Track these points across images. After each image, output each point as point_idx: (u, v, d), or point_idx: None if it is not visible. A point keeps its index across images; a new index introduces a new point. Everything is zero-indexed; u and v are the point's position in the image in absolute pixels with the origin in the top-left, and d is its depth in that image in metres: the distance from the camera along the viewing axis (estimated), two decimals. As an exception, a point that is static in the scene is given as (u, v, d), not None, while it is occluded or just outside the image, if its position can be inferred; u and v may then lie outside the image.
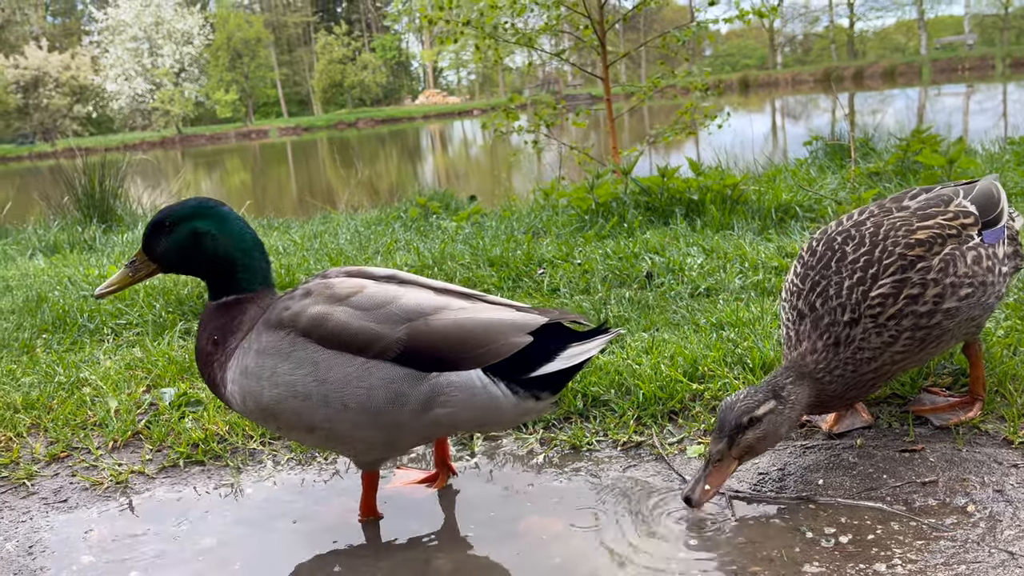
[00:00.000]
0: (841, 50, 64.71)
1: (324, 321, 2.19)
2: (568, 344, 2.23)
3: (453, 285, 2.41)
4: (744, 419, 2.28)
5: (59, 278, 5.55)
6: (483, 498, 2.60)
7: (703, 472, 2.31)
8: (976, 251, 2.49)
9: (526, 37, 9.83)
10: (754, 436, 2.30)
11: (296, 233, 7.13)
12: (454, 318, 2.21)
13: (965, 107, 23.89)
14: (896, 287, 2.38)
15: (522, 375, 2.22)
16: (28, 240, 7.77)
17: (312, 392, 2.18)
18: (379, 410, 2.17)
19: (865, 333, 2.38)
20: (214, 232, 2.32)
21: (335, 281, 2.32)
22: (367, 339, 2.17)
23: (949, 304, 2.40)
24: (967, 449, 2.51)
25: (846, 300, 2.40)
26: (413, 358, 2.17)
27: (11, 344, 4.33)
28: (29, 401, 3.51)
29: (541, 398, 2.27)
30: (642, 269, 4.49)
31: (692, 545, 2.23)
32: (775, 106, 35.92)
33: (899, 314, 2.37)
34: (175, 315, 4.56)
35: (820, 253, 2.53)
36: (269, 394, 2.23)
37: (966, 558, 2.03)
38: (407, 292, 2.27)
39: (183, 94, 66.24)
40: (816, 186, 6.22)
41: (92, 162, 8.78)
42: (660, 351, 3.29)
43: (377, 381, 2.16)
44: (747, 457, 2.35)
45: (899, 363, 2.44)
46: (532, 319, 2.24)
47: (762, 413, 2.30)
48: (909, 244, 2.43)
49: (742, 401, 2.32)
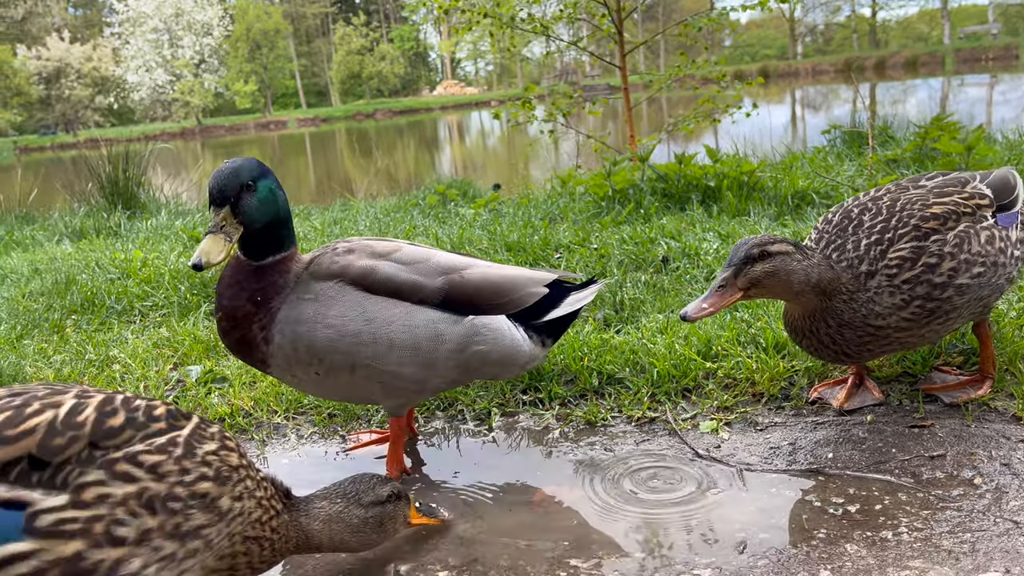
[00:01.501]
0: (863, 40, 64.03)
1: (373, 272, 2.44)
2: (568, 294, 2.62)
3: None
4: (755, 251, 2.33)
5: (86, 262, 5.68)
6: (501, 469, 2.67)
7: (707, 295, 2.35)
8: (990, 232, 2.53)
9: (542, 26, 9.86)
10: (762, 269, 2.33)
11: (316, 220, 7.23)
12: (483, 272, 2.54)
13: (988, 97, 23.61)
14: (915, 252, 2.43)
15: (535, 320, 2.58)
16: (55, 226, 7.93)
17: (362, 331, 2.40)
18: (420, 347, 2.43)
19: (879, 288, 2.43)
20: (278, 189, 2.42)
21: (373, 242, 2.57)
22: (412, 287, 2.45)
23: (962, 280, 2.44)
24: (976, 425, 2.55)
25: (864, 253, 2.45)
26: (451, 304, 2.47)
27: (42, 324, 4.46)
28: (61, 377, 3.63)
29: (546, 344, 2.63)
30: (658, 254, 4.54)
31: (702, 514, 2.30)
32: (795, 96, 35.66)
33: (915, 279, 2.42)
34: (199, 297, 4.67)
35: (837, 221, 2.59)
36: (322, 335, 2.39)
37: (971, 527, 2.08)
38: (435, 252, 2.57)
39: (203, 85, 66.71)
40: (833, 173, 6.23)
41: (116, 151, 8.93)
42: (675, 331, 3.35)
43: (420, 321, 2.44)
44: (753, 293, 2.37)
45: (902, 332, 2.47)
46: (545, 274, 2.62)
47: (775, 250, 2.34)
48: (924, 216, 2.48)
49: (758, 236, 2.37)
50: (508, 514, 2.42)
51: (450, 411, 3.12)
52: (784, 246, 2.36)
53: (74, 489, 1.35)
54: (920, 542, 2.06)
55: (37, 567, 1.30)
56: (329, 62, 77.50)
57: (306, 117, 61.00)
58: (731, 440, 2.69)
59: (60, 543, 1.32)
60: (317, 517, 1.93)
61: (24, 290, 5.15)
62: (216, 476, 1.59)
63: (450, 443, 2.91)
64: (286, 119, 61.19)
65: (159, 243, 6.40)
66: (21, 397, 1.45)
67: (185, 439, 1.57)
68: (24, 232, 7.85)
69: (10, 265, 6.01)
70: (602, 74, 54.75)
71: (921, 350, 2.99)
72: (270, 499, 1.78)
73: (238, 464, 1.68)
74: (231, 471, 1.64)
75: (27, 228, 8.13)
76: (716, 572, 2.03)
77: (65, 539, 1.32)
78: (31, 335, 4.31)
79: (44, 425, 1.38)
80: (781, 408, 2.86)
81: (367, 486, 2.04)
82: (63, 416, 1.42)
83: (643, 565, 2.10)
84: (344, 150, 33.66)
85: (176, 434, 1.56)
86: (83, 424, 1.43)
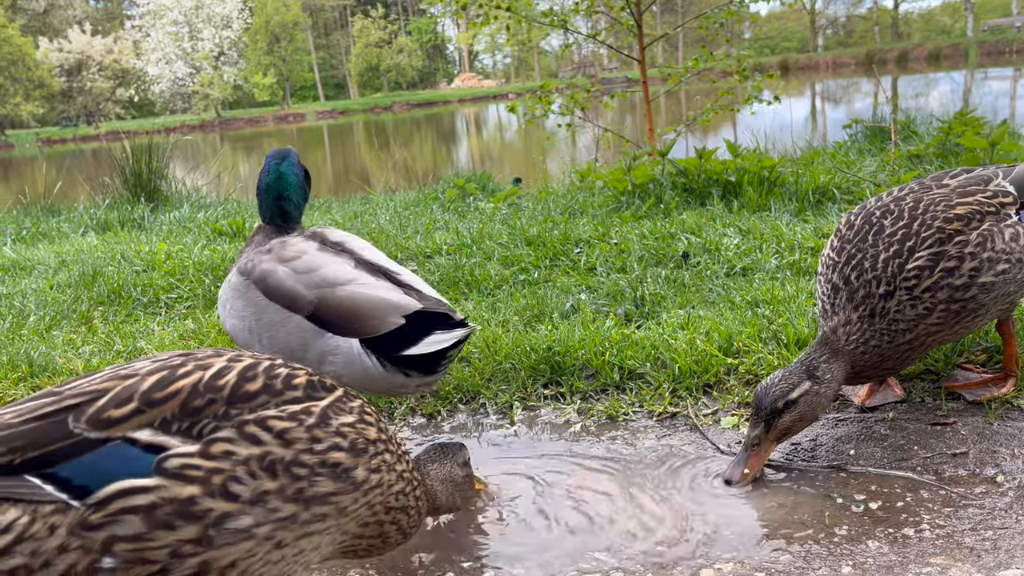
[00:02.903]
0: (884, 32, 63.30)
1: (267, 276, 2.68)
2: (434, 331, 2.48)
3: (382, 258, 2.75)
4: (780, 403, 2.36)
5: (112, 254, 5.76)
6: (523, 462, 2.71)
7: (743, 455, 2.41)
8: (1014, 229, 2.53)
9: (560, 18, 9.85)
10: (790, 418, 2.38)
11: (337, 213, 7.28)
12: (350, 292, 2.56)
13: (1013, 91, 23.30)
14: (933, 259, 2.43)
15: (393, 352, 2.50)
16: (80, 218, 8.03)
17: (253, 328, 2.69)
18: (292, 351, 2.62)
19: (900, 305, 2.43)
20: (285, 169, 2.98)
21: (290, 242, 2.78)
22: (292, 297, 2.63)
23: (985, 278, 2.44)
24: (999, 423, 2.56)
25: (881, 273, 2.45)
26: (318, 318, 2.59)
27: (70, 315, 4.53)
28: (91, 368, 3.69)
29: (411, 375, 2.54)
30: (678, 249, 4.55)
31: (724, 509, 2.32)
32: (815, 90, 35.35)
33: (934, 286, 2.42)
34: (224, 289, 4.73)
35: (858, 227, 2.58)
36: (230, 323, 2.79)
37: (993, 524, 2.09)
38: (331, 263, 2.66)
39: (222, 78, 67.06)
40: (855, 168, 6.20)
41: (139, 144, 9.02)
42: (696, 327, 3.37)
43: (293, 328, 2.62)
44: (785, 438, 2.44)
45: (934, 335, 2.48)
46: (408, 303, 2.50)
47: (797, 396, 2.38)
48: (948, 218, 2.47)
49: (777, 385, 2.38)
50: (530, 505, 2.45)
51: (472, 404, 3.16)
52: (804, 386, 2.39)
53: (205, 442, 1.51)
54: (942, 539, 2.07)
55: (153, 502, 1.45)
56: (347, 55, 77.67)
57: (324, 110, 61.24)
58: (752, 436, 2.70)
59: (179, 485, 1.47)
60: (436, 479, 2.12)
61: (52, 281, 5.23)
62: (351, 447, 1.68)
63: (472, 436, 2.94)
64: (304, 112, 61.45)
65: (183, 236, 6.48)
66: (182, 358, 1.63)
67: (321, 410, 1.66)
68: (50, 224, 7.96)
69: (37, 256, 6.11)
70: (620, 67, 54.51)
71: (944, 348, 2.98)
72: (411, 471, 1.88)
73: (376, 438, 1.76)
74: (368, 444, 1.72)
75: (53, 220, 8.24)
76: (738, 566, 2.05)
77: (184, 483, 1.47)
78: (60, 326, 4.39)
79: (188, 388, 1.55)
80: (802, 404, 2.87)
81: (454, 450, 2.20)
82: (207, 379, 1.57)
83: (667, 557, 2.13)
84: (362, 143, 33.76)
85: (312, 404, 1.65)
86: (223, 387, 1.57)
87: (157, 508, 1.45)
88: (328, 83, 78.83)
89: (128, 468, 1.46)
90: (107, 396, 1.51)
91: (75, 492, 1.44)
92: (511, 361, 3.33)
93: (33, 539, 1.40)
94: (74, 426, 1.48)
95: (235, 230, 6.27)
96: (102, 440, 1.47)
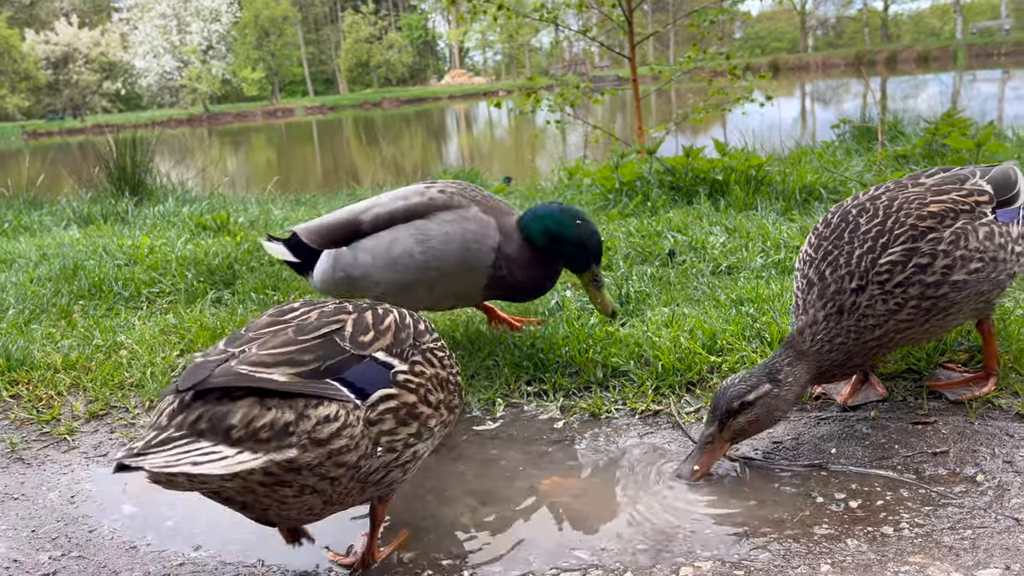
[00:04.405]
0: (874, 34, 63.58)
1: None
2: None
3: None
4: (735, 404, 2.38)
5: (94, 248, 5.70)
6: (505, 459, 2.69)
7: (696, 452, 2.43)
8: (989, 227, 2.52)
9: (552, 14, 9.83)
10: (745, 420, 2.39)
11: (323, 208, 7.24)
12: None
13: (1000, 94, 23.45)
14: (906, 255, 2.43)
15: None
16: (62, 211, 7.95)
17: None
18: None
19: (871, 300, 2.44)
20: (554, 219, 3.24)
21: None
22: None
23: (957, 276, 2.44)
24: (979, 422, 2.56)
25: (855, 268, 2.46)
26: None
27: (49, 309, 4.48)
28: (69, 362, 3.65)
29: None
30: (664, 247, 4.54)
31: (704, 507, 2.31)
32: (804, 90, 35.47)
33: (906, 282, 2.42)
34: (206, 284, 4.69)
35: (835, 225, 2.58)
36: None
37: (972, 523, 2.09)
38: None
39: (210, 72, 66.70)
40: (842, 168, 6.21)
41: (123, 138, 8.94)
42: (680, 325, 3.36)
43: None
44: (740, 438, 2.45)
45: (903, 332, 2.48)
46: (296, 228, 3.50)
47: (754, 398, 2.39)
48: (921, 216, 2.48)
49: (735, 386, 2.40)
50: (511, 502, 2.43)
51: (454, 401, 3.14)
52: (762, 388, 2.39)
53: (410, 363, 1.99)
54: (921, 538, 2.06)
55: (396, 405, 1.91)
56: (337, 50, 77.37)
57: (313, 105, 60.97)
58: (734, 434, 2.70)
59: (406, 393, 1.95)
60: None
61: (32, 275, 5.17)
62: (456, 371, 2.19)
63: (454, 431, 2.92)
64: (293, 107, 61.17)
65: (166, 230, 6.42)
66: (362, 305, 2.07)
67: (443, 343, 2.18)
68: (32, 217, 7.88)
69: (18, 250, 6.04)
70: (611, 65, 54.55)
71: (926, 347, 2.99)
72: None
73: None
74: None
75: (35, 213, 8.15)
76: (718, 564, 2.04)
77: (408, 391, 1.95)
78: (39, 320, 4.34)
79: (394, 324, 2.03)
80: (785, 403, 2.86)
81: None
82: (399, 320, 2.06)
83: (646, 555, 2.11)
84: (351, 138, 33.64)
85: (442, 341, 2.18)
86: (411, 326, 2.08)
87: (399, 410, 1.92)
88: (317, 78, 78.49)
89: (382, 379, 1.90)
90: (349, 325, 1.94)
91: (358, 394, 1.85)
92: (494, 358, 3.31)
93: (350, 426, 1.80)
94: (343, 344, 1.90)
95: (219, 224, 6.22)
96: (361, 357, 1.90)
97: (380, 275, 3.24)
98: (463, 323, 3.76)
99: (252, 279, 4.67)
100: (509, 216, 3.27)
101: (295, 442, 1.72)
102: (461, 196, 3.26)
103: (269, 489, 1.75)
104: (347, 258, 3.29)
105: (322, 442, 1.75)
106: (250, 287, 4.54)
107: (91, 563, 2.31)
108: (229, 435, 1.66)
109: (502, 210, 3.29)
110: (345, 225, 3.32)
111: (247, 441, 1.67)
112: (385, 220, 3.25)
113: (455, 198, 3.25)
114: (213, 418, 1.68)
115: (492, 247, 3.16)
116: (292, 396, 1.75)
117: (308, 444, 1.73)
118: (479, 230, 3.17)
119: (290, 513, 1.85)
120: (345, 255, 3.29)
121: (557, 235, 3.12)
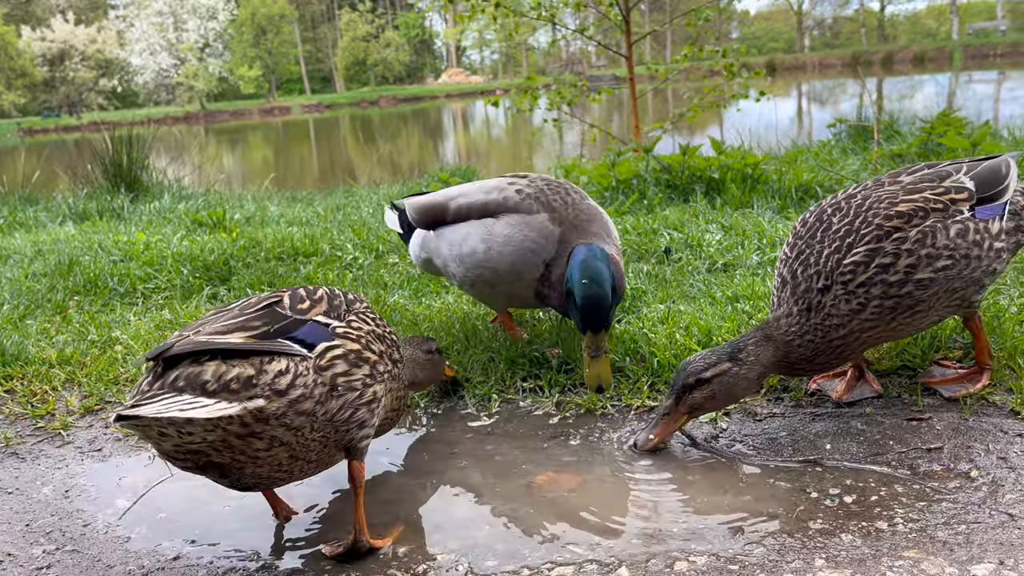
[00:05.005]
0: (871, 34, 63.69)
1: None
2: None
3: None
4: (691, 379, 2.49)
5: (89, 244, 5.69)
6: (500, 455, 2.69)
7: (654, 423, 2.55)
8: (962, 225, 2.50)
9: (549, 13, 9.82)
10: (701, 395, 2.49)
11: (320, 206, 7.23)
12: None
13: (996, 94, 23.49)
14: (868, 255, 2.45)
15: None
16: (58, 208, 7.93)
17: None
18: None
19: (835, 300, 2.46)
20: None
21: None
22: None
23: (922, 275, 2.44)
24: (974, 419, 2.56)
25: (822, 267, 2.49)
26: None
27: (44, 305, 4.47)
28: (63, 357, 3.64)
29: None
30: (661, 244, 4.55)
31: (700, 502, 2.31)
32: (801, 90, 35.52)
33: (868, 282, 2.44)
34: (202, 280, 4.68)
35: (811, 224, 2.61)
36: None
37: (966, 519, 2.10)
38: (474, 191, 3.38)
39: (207, 69, 66.58)
40: (838, 167, 6.22)
41: (119, 135, 8.92)
42: (675, 322, 3.36)
43: None
44: (698, 413, 2.54)
45: (868, 331, 2.49)
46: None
47: (710, 375, 2.48)
48: (888, 215, 2.48)
49: (696, 362, 2.51)
50: (506, 497, 2.43)
51: (451, 395, 3.14)
52: (720, 366, 2.48)
53: (347, 322, 2.26)
54: (915, 533, 2.07)
55: (343, 352, 2.17)
56: (334, 48, 77.26)
57: (310, 103, 60.86)
58: (730, 430, 2.71)
59: (349, 342, 2.20)
60: (408, 359, 2.77)
61: (27, 271, 5.16)
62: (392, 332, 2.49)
63: (449, 426, 2.92)
64: (290, 105, 61.05)
65: (162, 226, 6.41)
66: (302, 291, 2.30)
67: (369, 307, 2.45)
68: (27, 213, 7.85)
69: (13, 246, 6.02)
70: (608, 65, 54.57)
71: (921, 344, 2.99)
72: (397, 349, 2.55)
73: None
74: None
75: (30, 209, 8.13)
76: (713, 558, 2.05)
77: (350, 340, 2.21)
78: (34, 315, 4.33)
79: (326, 294, 2.31)
80: (780, 399, 2.87)
81: (421, 340, 2.91)
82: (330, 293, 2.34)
83: (641, 549, 2.11)
84: (348, 137, 33.60)
85: (367, 306, 2.45)
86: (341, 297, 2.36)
87: (346, 356, 2.17)
88: (314, 77, 78.37)
89: (324, 335, 2.17)
90: (286, 299, 2.22)
91: (307, 347, 2.10)
92: (490, 353, 3.31)
93: (302, 375, 2.04)
94: (285, 312, 2.17)
95: (215, 221, 6.21)
96: (304, 320, 2.17)
97: (454, 268, 3.29)
98: (459, 319, 3.76)
99: (248, 275, 4.67)
100: (582, 233, 3.08)
101: (259, 393, 1.95)
102: (537, 199, 3.16)
103: (244, 442, 1.97)
104: (432, 244, 3.39)
105: (282, 392, 1.99)
106: (246, 283, 4.54)
107: (85, 557, 2.31)
108: (205, 388, 1.91)
109: (576, 223, 3.11)
110: (435, 210, 3.36)
111: (222, 392, 1.91)
112: (465, 212, 3.27)
113: (526, 201, 3.15)
114: (189, 377, 1.92)
115: (544, 260, 3.08)
116: (249, 355, 1.99)
117: (271, 395, 1.97)
118: (537, 239, 3.08)
119: (263, 471, 2.07)
120: (431, 240, 3.40)
121: (568, 287, 2.92)
